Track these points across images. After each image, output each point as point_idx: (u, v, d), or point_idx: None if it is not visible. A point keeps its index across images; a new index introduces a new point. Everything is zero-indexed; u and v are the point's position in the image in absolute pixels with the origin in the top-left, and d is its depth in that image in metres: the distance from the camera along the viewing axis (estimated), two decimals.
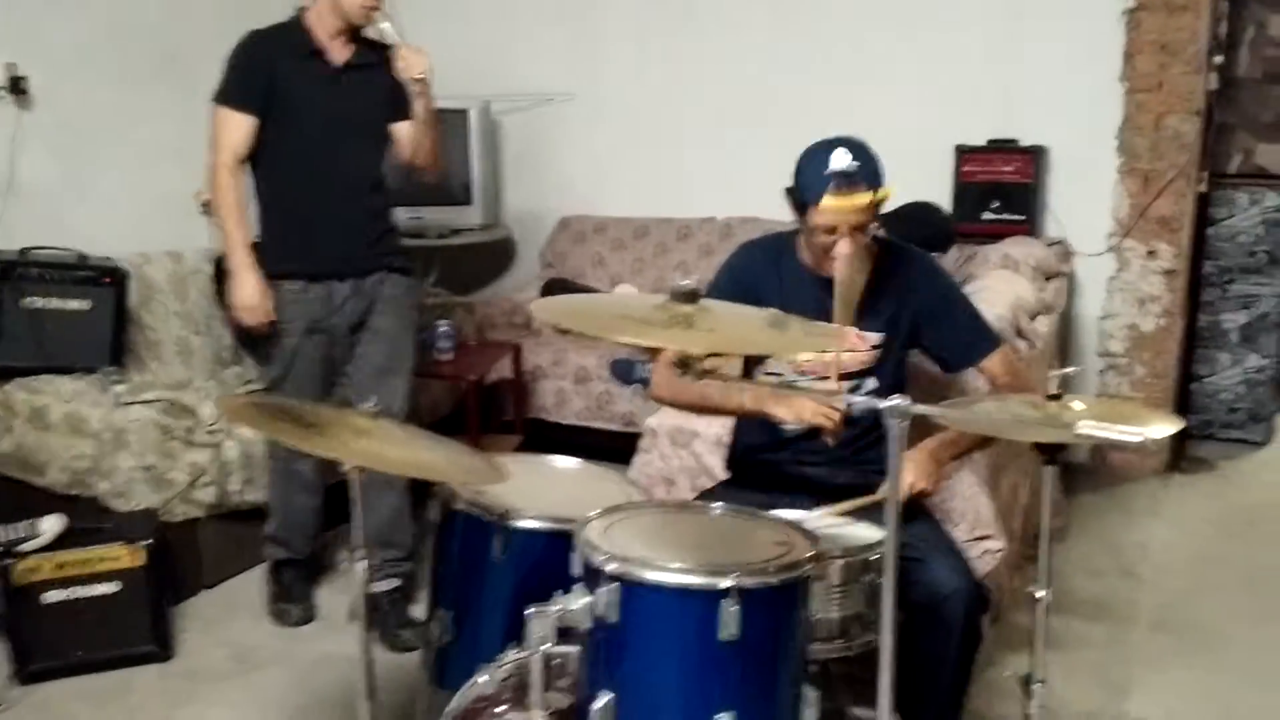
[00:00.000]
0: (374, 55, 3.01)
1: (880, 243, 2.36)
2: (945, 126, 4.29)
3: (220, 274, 4.03)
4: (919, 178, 4.15)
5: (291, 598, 3.24)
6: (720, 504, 1.92)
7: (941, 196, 4.24)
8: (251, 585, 3.38)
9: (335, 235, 3.01)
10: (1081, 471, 4.28)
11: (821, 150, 2.21)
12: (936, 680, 2.18)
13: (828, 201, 2.16)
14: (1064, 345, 4.27)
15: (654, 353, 3.62)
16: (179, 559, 3.22)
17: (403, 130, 3.07)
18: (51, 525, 2.93)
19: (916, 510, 2.23)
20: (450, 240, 4.78)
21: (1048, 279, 3.80)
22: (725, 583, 1.59)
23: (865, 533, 2.03)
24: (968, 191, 4.26)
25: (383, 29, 2.95)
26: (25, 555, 2.89)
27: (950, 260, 3.96)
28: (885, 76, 4.43)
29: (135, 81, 4.06)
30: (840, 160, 2.17)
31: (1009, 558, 3.23)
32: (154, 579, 3.00)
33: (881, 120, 4.31)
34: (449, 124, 4.71)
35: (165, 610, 3.08)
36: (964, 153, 4.26)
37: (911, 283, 2.37)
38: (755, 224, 4.54)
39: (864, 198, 2.16)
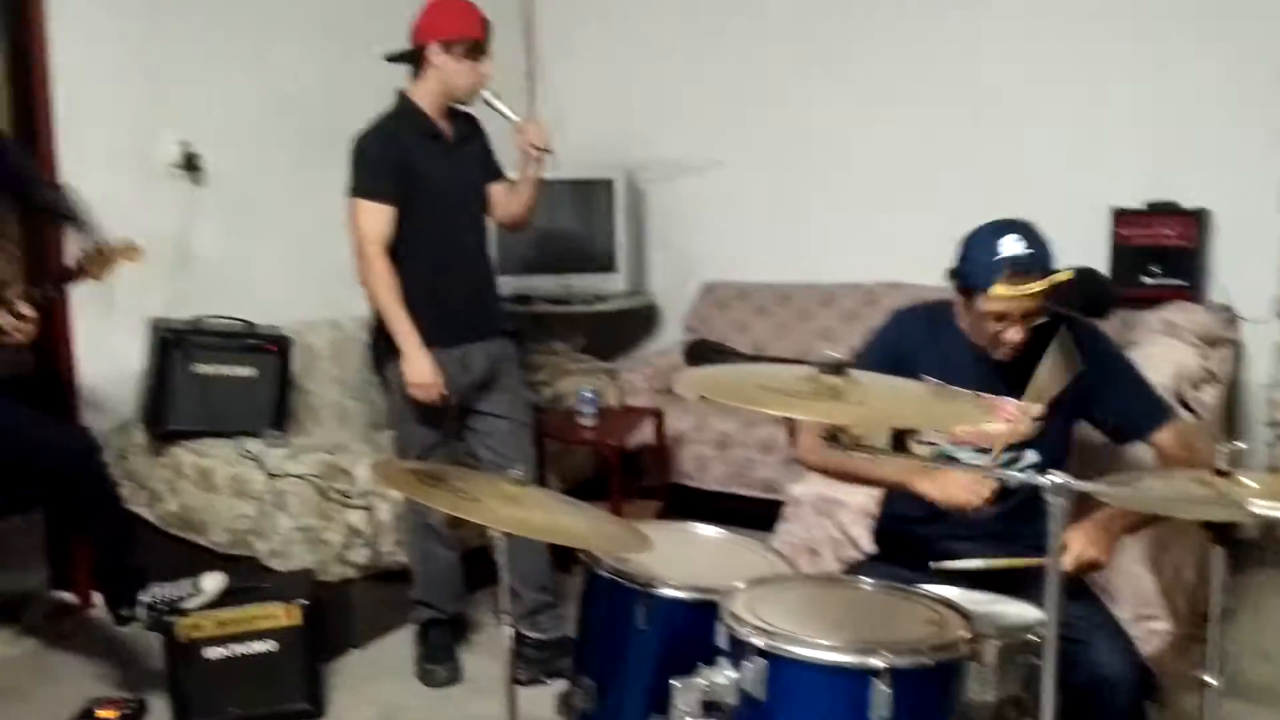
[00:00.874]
0: (468, 125, 3.23)
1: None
2: (1100, 188, 4.17)
3: (375, 342, 4.19)
4: (1073, 241, 4.00)
5: (438, 659, 3.29)
6: (870, 579, 1.87)
7: (1097, 260, 4.11)
8: (400, 646, 3.45)
9: (464, 301, 3.19)
10: (1250, 548, 4.03)
11: (991, 234, 2.16)
12: None
13: (999, 290, 2.11)
14: (1230, 416, 4.06)
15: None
16: (332, 619, 3.31)
17: (496, 193, 3.30)
18: (213, 583, 3.04)
19: (1078, 589, 2.14)
20: (595, 307, 4.86)
21: (1212, 346, 3.63)
22: (877, 662, 1.55)
23: (1023, 612, 1.96)
24: (1125, 255, 4.11)
25: (492, 101, 3.14)
26: (188, 612, 3.01)
27: (1109, 327, 3.82)
28: (1037, 138, 4.34)
29: (298, 158, 4.27)
30: (1012, 247, 2.12)
31: (1174, 639, 3.06)
32: (309, 638, 3.08)
33: (1033, 182, 4.29)
34: (595, 194, 4.84)
35: (318, 669, 3.16)
36: (1120, 215, 4.13)
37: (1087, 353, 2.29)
38: (901, 289, 4.48)
39: (1036, 286, 2.10)
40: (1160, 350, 3.34)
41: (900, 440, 2.34)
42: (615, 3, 5.16)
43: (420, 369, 3.07)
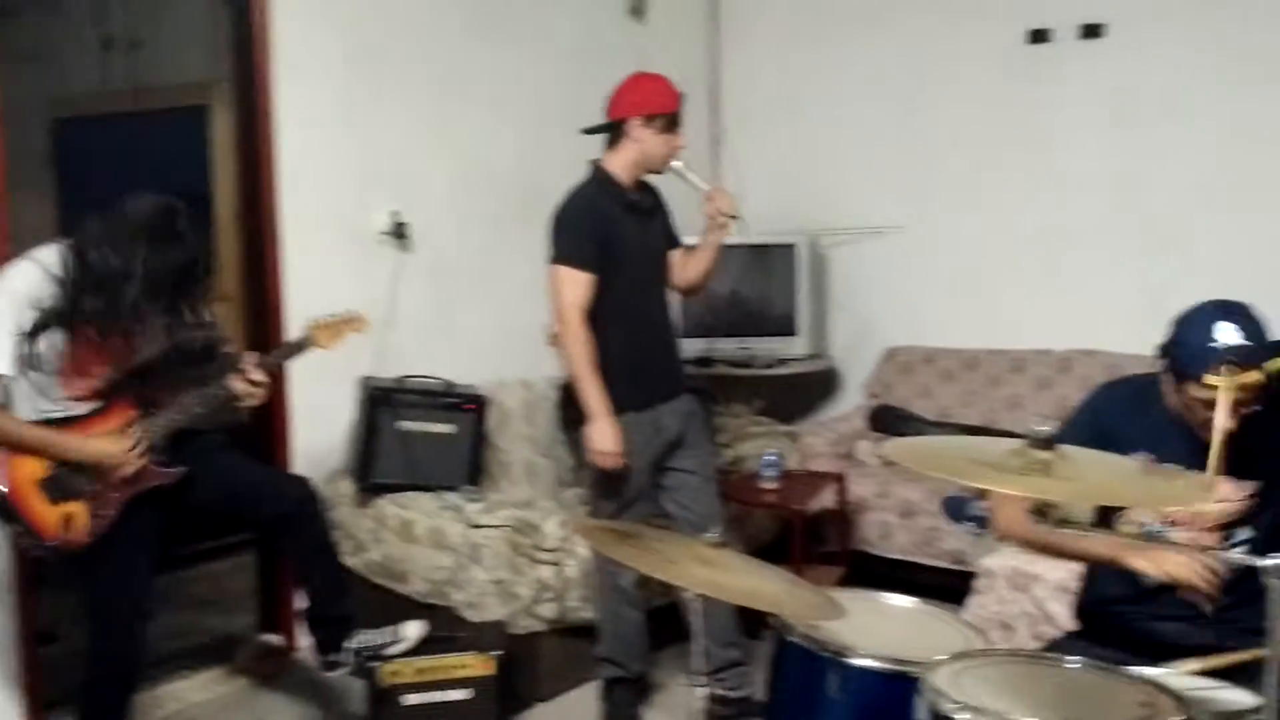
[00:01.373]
0: (653, 195, 3.34)
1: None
2: None
3: (567, 403, 4.33)
4: (1273, 306, 3.87)
5: (622, 716, 3.34)
6: (1077, 658, 1.83)
7: None
8: (584, 701, 3.51)
9: (655, 364, 3.30)
10: None
11: (1207, 319, 2.10)
12: None
13: (1212, 380, 2.05)
14: None
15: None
16: (521, 671, 3.40)
17: (675, 259, 3.41)
18: (414, 632, 3.18)
19: None
20: (776, 370, 4.89)
21: None
22: None
23: (1237, 697, 1.88)
24: None
25: (683, 172, 3.24)
26: (390, 659, 3.15)
27: None
28: (1238, 197, 4.19)
29: (496, 225, 4.48)
30: (1229, 336, 2.06)
31: None
32: (501, 689, 3.19)
33: (1228, 247, 4.14)
34: (778, 258, 4.89)
35: (509, 718, 3.25)
36: None
37: None
38: (1095, 357, 4.37)
39: (1251, 378, 2.04)
40: None
41: (1105, 518, 2.28)
42: (799, 71, 5.24)
43: (605, 437, 3.14)
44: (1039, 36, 4.60)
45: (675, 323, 3.45)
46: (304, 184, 3.88)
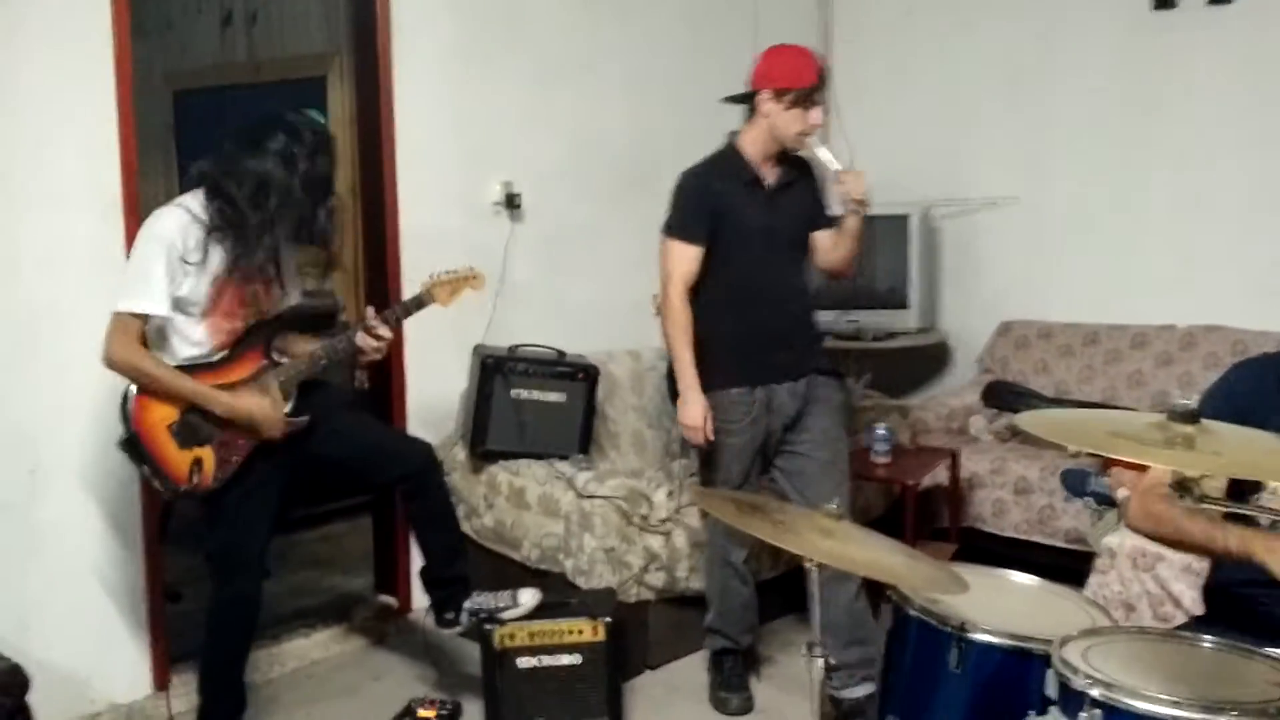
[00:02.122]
0: (796, 172, 3.21)
1: None
2: None
3: (671, 373, 4.34)
4: None
5: (731, 687, 3.35)
6: (1210, 636, 1.79)
7: None
8: (692, 669, 3.54)
9: (772, 343, 3.17)
10: None
11: None
12: None
13: None
14: None
15: (1106, 465, 3.46)
16: (631, 638, 3.44)
17: (821, 239, 3.27)
18: (529, 598, 3.22)
19: None
20: (885, 343, 4.83)
21: None
22: None
23: None
24: None
25: (818, 154, 3.16)
26: (505, 622, 3.21)
27: None
28: None
29: (606, 197, 4.50)
30: None
31: None
32: (612, 655, 3.21)
33: None
34: (890, 230, 4.82)
35: (619, 685, 3.29)
36: None
37: None
38: (1220, 333, 4.23)
39: None
40: None
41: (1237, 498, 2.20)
42: (913, 40, 5.15)
43: (690, 411, 3.13)
44: (1165, 3, 4.45)
45: (808, 303, 3.32)
46: (420, 156, 3.95)
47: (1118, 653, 1.73)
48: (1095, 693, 1.56)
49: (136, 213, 3.19)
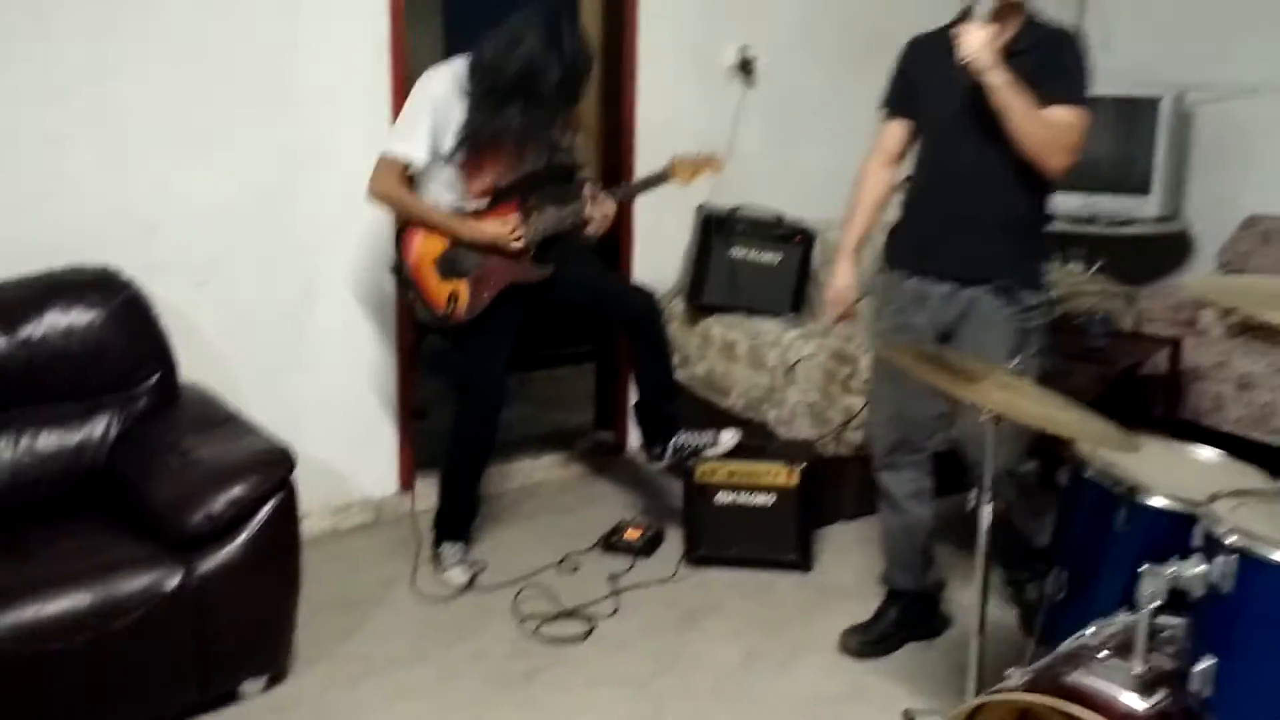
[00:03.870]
0: (1029, 42, 2.67)
1: None
2: None
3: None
4: None
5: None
6: None
7: None
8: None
9: (941, 233, 2.81)
10: None
11: None
12: None
13: None
14: None
15: None
16: (826, 489, 3.63)
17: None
18: (729, 437, 3.47)
19: None
20: (1121, 230, 4.70)
21: None
22: None
23: None
24: None
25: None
26: (707, 459, 3.46)
27: None
28: None
29: (845, 63, 4.52)
30: None
31: None
32: (804, 500, 3.43)
33: None
34: (1138, 113, 4.65)
35: (809, 529, 3.50)
36: None
37: None
38: None
39: None
40: None
41: None
42: None
43: (833, 281, 2.97)
44: None
45: (1009, 196, 2.72)
46: (660, 18, 4.10)
47: (1270, 511, 1.79)
48: (1233, 540, 1.65)
49: (402, 58, 3.53)
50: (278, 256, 3.46)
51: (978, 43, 2.52)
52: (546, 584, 3.36)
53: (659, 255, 4.23)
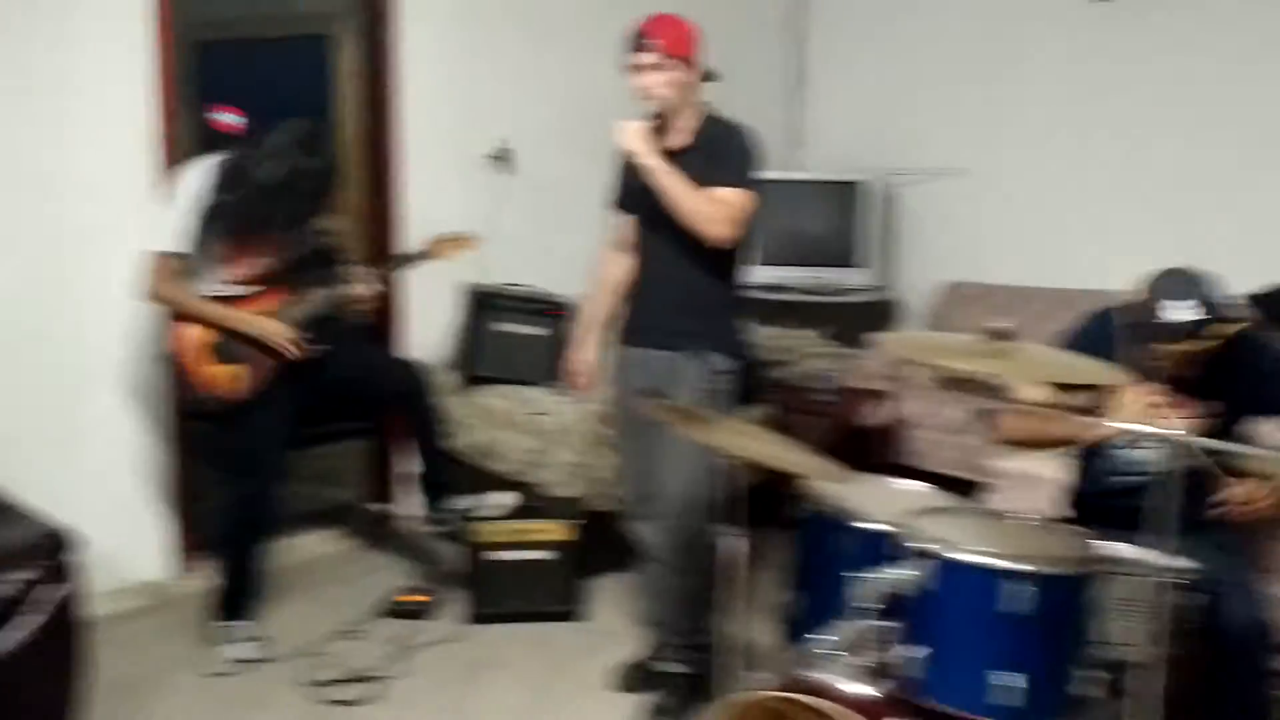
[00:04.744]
0: (707, 135, 3.05)
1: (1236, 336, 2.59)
2: None
3: None
4: None
5: None
6: (1034, 515, 2.27)
7: None
8: None
9: (655, 307, 3.15)
10: None
11: (1161, 294, 2.50)
12: (1226, 710, 2.37)
13: (1161, 350, 2.46)
14: None
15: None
16: (597, 542, 3.91)
17: None
18: (506, 499, 3.73)
19: (1227, 548, 2.44)
20: (843, 299, 5.29)
21: None
22: (1026, 566, 1.97)
23: (1167, 561, 2.28)
24: None
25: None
26: (485, 520, 3.69)
27: None
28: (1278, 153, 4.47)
29: (595, 153, 4.87)
30: (1175, 313, 2.45)
31: None
32: (577, 553, 3.71)
33: (1277, 201, 4.42)
34: (850, 194, 5.27)
35: (583, 581, 3.78)
36: None
37: (1246, 356, 2.57)
38: None
39: (1196, 346, 2.45)
40: None
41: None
42: (881, 16, 5.57)
43: (574, 355, 3.35)
44: None
45: (695, 276, 3.06)
46: (422, 111, 4.38)
47: (960, 523, 2.21)
48: (932, 547, 2.05)
49: (170, 148, 3.65)
50: (50, 344, 3.49)
51: (629, 133, 2.93)
52: (333, 652, 3.48)
53: (430, 332, 4.46)
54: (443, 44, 4.44)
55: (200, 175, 3.31)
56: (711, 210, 2.92)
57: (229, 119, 3.52)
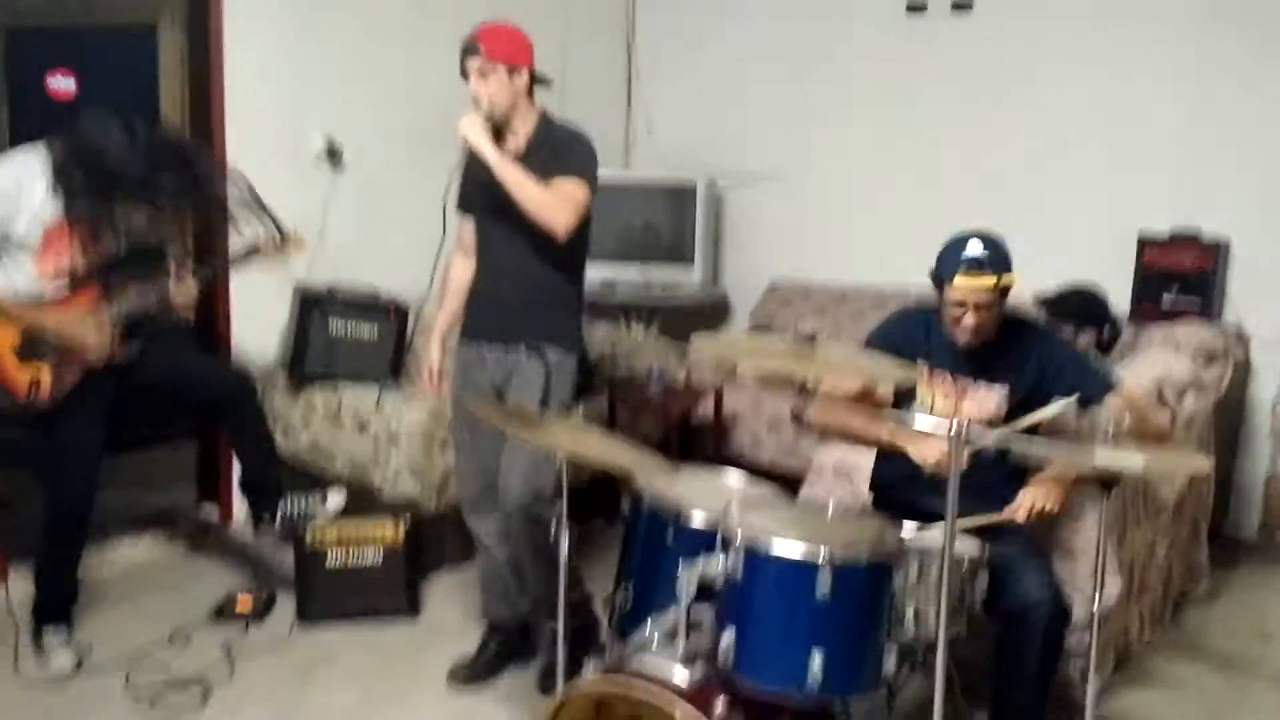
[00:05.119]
0: (544, 137, 3.16)
1: (1004, 318, 2.84)
2: (1128, 216, 4.63)
3: None
4: (1101, 262, 4.55)
5: None
6: (833, 502, 2.44)
7: (1123, 281, 4.57)
8: None
9: (492, 304, 3.23)
10: (1248, 547, 4.48)
11: (959, 240, 2.75)
12: (1020, 682, 2.60)
13: (959, 281, 2.68)
14: (1237, 425, 4.51)
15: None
16: (429, 540, 3.96)
17: None
18: (335, 499, 3.70)
19: (1011, 529, 2.67)
20: (672, 297, 5.45)
21: (1210, 361, 4.07)
22: (823, 555, 2.12)
23: (962, 546, 2.49)
24: (1149, 278, 4.56)
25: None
26: (314, 522, 3.68)
27: (1123, 339, 4.29)
28: (1072, 166, 4.83)
29: (423, 148, 4.90)
30: (973, 249, 2.70)
31: (1151, 610, 3.57)
32: (409, 552, 3.74)
33: (1067, 207, 4.78)
34: (678, 195, 5.43)
35: (416, 579, 3.82)
36: (1146, 244, 4.57)
37: (1030, 347, 2.84)
38: None
39: (989, 280, 2.66)
40: (1151, 359, 3.81)
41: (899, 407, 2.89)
42: (706, 25, 5.76)
43: (427, 358, 3.41)
44: (916, 7, 5.17)
45: (534, 272, 3.16)
46: (248, 107, 4.32)
47: (770, 514, 2.37)
48: (739, 537, 2.19)
49: None
50: None
51: (468, 124, 3.04)
52: (159, 658, 3.42)
53: (258, 333, 4.40)
54: (269, 37, 4.39)
55: (7, 168, 3.18)
56: (550, 200, 3.01)
57: (63, 83, 3.38)
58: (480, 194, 3.18)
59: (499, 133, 3.12)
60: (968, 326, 2.71)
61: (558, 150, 3.13)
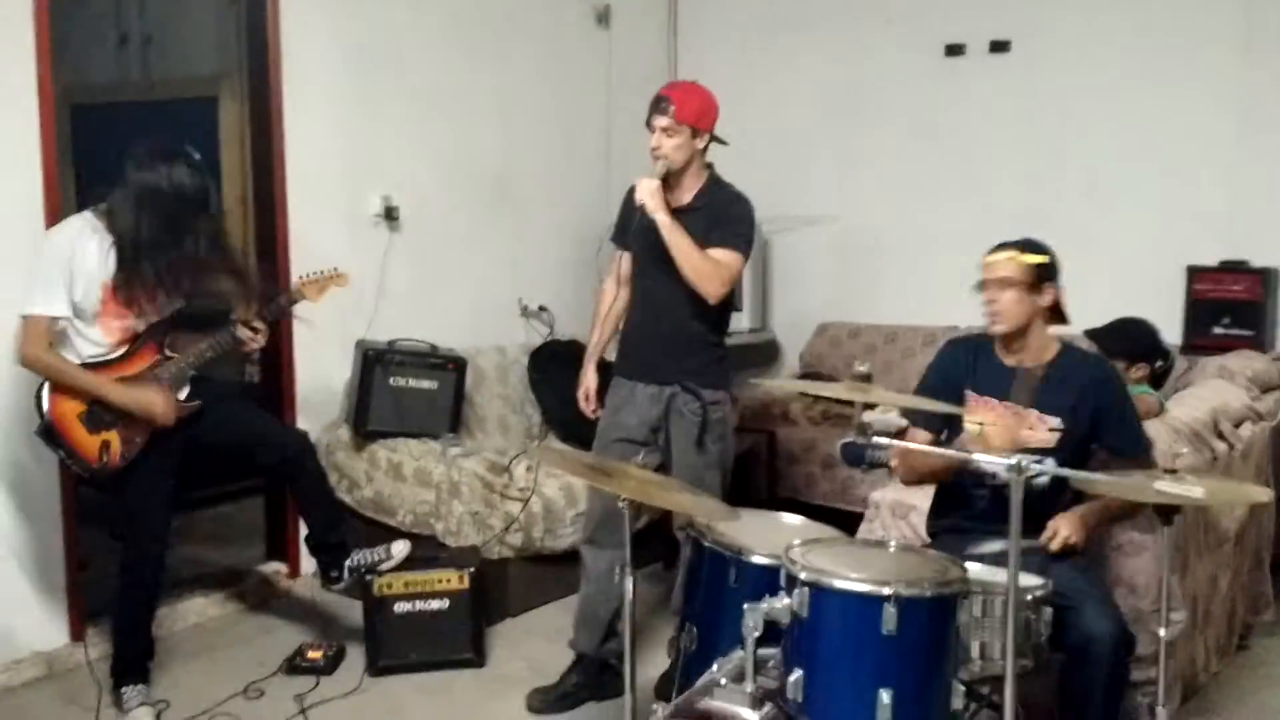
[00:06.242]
0: (709, 198, 3.35)
1: (1065, 346, 2.88)
2: (1176, 247, 4.65)
3: (534, 364, 4.95)
4: (1150, 294, 4.56)
5: None
6: (895, 541, 2.48)
7: (1174, 312, 4.58)
8: (546, 615, 4.15)
9: (646, 344, 3.41)
10: None
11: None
12: (1086, 715, 2.60)
13: (983, 261, 2.85)
14: None
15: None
16: (493, 588, 4.03)
17: None
18: (400, 549, 3.77)
19: (1074, 563, 2.69)
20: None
21: (1265, 390, 4.06)
22: (888, 590, 2.16)
23: (1022, 579, 2.51)
24: (1199, 308, 4.58)
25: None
26: (382, 574, 3.76)
27: (1176, 370, 4.29)
28: (1117, 200, 4.87)
29: (477, 209, 5.08)
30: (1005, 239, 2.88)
31: (1217, 641, 3.55)
32: (475, 601, 3.80)
33: (1113, 241, 4.81)
34: None
35: (482, 627, 3.88)
36: (1195, 273, 4.58)
37: (1092, 384, 2.86)
38: None
39: (1007, 253, 2.78)
40: (1207, 391, 3.81)
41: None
42: (748, 76, 5.86)
43: (583, 382, 3.55)
44: (954, 50, 5.25)
45: (689, 316, 3.32)
46: (308, 172, 4.46)
47: (832, 552, 2.41)
48: (805, 576, 2.23)
49: (56, 215, 3.65)
50: None
51: (646, 190, 3.21)
52: (234, 712, 3.49)
53: (321, 390, 4.52)
54: (328, 105, 4.54)
55: (65, 233, 3.27)
56: (709, 269, 3.22)
57: None
58: (643, 237, 3.32)
59: (666, 182, 3.29)
60: (991, 310, 2.79)
61: (719, 216, 3.31)
